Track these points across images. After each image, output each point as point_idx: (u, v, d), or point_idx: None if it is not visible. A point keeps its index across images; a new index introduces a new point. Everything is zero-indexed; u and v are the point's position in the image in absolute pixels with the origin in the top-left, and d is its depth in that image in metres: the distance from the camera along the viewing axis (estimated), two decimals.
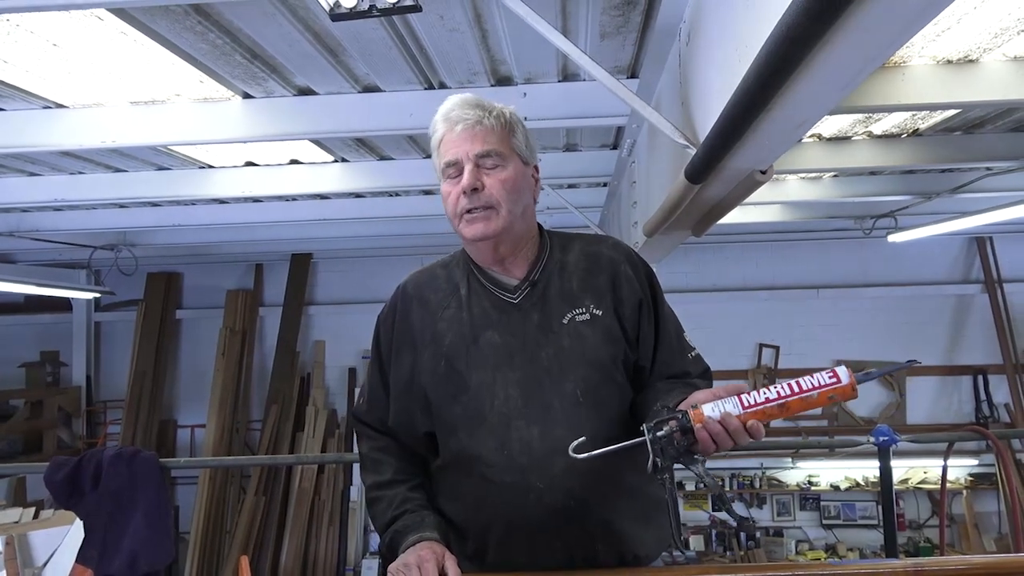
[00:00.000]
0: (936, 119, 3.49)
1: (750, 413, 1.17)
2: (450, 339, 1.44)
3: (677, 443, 1.18)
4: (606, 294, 1.45)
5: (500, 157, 1.40)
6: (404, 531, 1.37)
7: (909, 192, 4.86)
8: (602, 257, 1.49)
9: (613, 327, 1.43)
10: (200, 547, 6.61)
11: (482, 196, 1.39)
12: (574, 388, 1.38)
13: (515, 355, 1.40)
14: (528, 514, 1.35)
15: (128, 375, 7.20)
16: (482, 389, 1.40)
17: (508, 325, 1.43)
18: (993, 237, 6.96)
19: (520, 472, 1.35)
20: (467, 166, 1.39)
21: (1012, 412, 6.79)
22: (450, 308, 1.47)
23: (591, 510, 1.36)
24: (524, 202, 1.44)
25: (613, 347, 1.42)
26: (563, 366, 1.39)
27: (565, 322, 1.42)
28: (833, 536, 6.90)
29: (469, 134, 1.39)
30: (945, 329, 7.07)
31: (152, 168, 4.00)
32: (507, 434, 1.37)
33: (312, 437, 7.03)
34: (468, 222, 1.40)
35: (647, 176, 2.87)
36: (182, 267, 7.53)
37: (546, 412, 1.37)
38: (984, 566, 1.42)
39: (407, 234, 5.90)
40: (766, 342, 7.15)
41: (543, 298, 1.44)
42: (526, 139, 1.46)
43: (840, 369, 1.16)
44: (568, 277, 1.46)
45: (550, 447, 1.35)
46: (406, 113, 2.91)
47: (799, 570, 1.39)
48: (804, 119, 1.28)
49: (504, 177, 1.40)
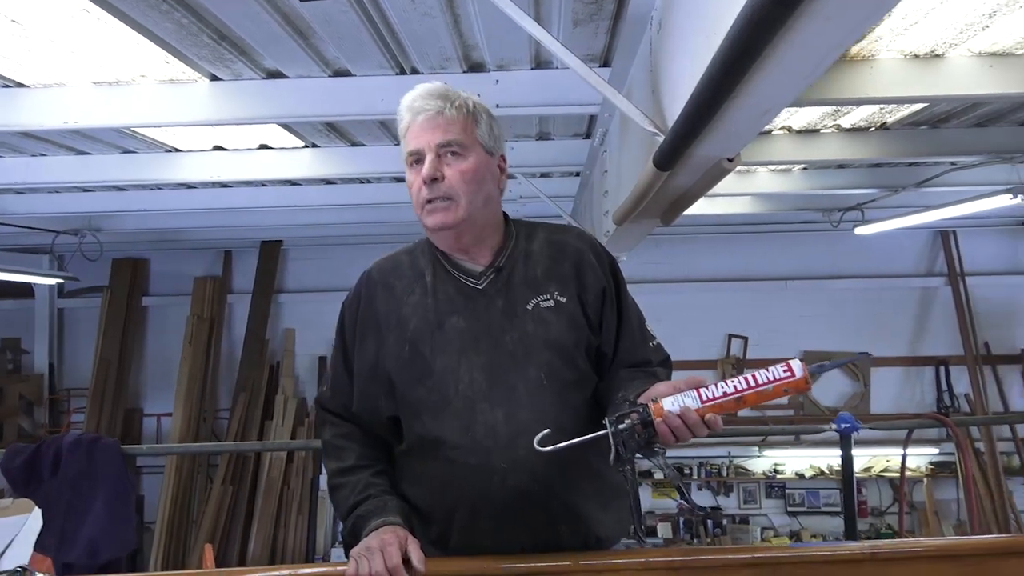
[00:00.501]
0: (903, 113, 3.55)
1: (708, 407, 1.21)
2: (415, 324, 1.45)
3: (638, 436, 1.21)
4: (570, 282, 1.47)
5: (461, 147, 1.41)
6: (367, 516, 1.37)
7: (876, 185, 4.94)
8: (567, 246, 1.51)
9: (576, 314, 1.45)
10: (165, 537, 6.54)
11: (441, 187, 1.41)
12: (538, 372, 1.41)
13: (480, 340, 1.42)
14: (492, 496, 1.37)
15: (92, 363, 7.07)
16: (447, 373, 1.41)
17: (473, 310, 1.44)
18: (957, 231, 7.10)
19: (485, 454, 1.37)
20: (428, 156, 1.41)
21: (972, 402, 6.96)
22: (415, 294, 1.48)
23: (554, 492, 1.38)
24: (486, 192, 1.45)
25: (576, 333, 1.44)
26: (527, 350, 1.41)
27: (529, 308, 1.44)
28: (798, 523, 7.02)
29: (431, 124, 1.41)
30: (909, 321, 7.21)
31: (117, 151, 3.92)
32: (472, 417, 1.39)
33: (281, 426, 6.97)
34: (428, 212, 1.43)
35: (618, 165, 2.88)
36: (148, 253, 7.40)
37: (510, 395, 1.39)
38: (936, 548, 1.45)
39: (379, 222, 5.85)
40: (735, 333, 7.23)
41: (508, 284, 1.46)
42: (490, 129, 1.47)
43: (794, 363, 1.20)
44: (533, 265, 1.48)
45: (514, 429, 1.37)
46: (377, 98, 2.88)
47: (759, 553, 1.41)
48: (770, 106, 1.29)
49: (464, 168, 1.41)
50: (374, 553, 1.26)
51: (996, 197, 4.40)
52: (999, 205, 4.49)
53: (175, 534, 6.63)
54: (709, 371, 7.15)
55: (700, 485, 7.13)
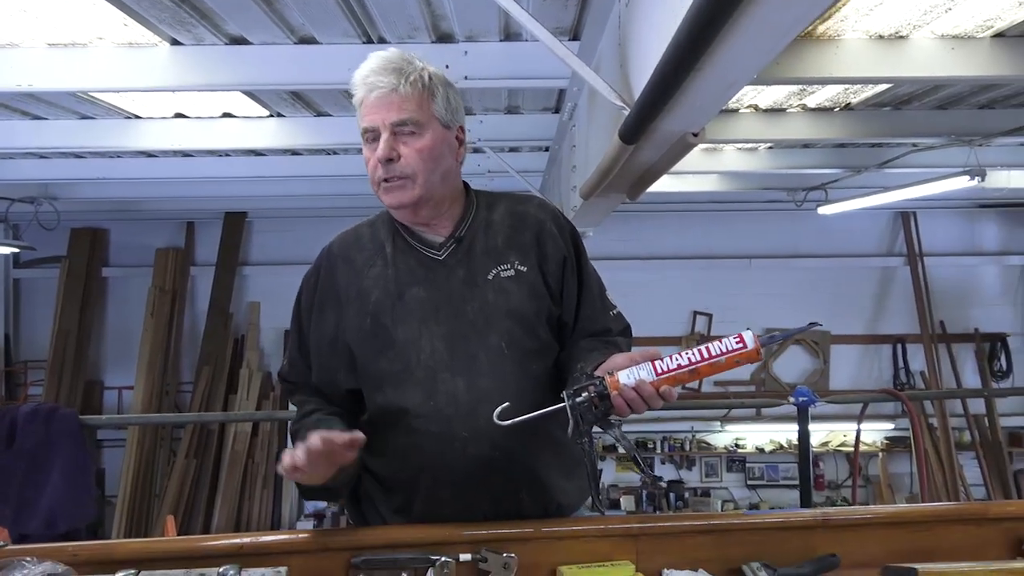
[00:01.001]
0: (867, 94, 3.60)
1: (663, 379, 1.22)
2: (376, 296, 1.45)
3: (595, 408, 1.22)
4: (531, 251, 1.47)
5: (416, 125, 1.39)
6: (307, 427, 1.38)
7: (840, 165, 5.01)
8: (528, 216, 1.51)
9: (537, 283, 1.45)
10: (128, 510, 6.47)
11: (398, 166, 1.39)
12: (499, 341, 1.41)
13: (440, 309, 1.42)
14: (454, 464, 1.38)
15: (51, 334, 6.92)
16: (408, 343, 1.41)
17: (434, 281, 1.44)
18: (916, 213, 7.24)
19: (446, 422, 1.38)
20: (383, 134, 1.38)
21: (927, 379, 7.15)
22: (376, 266, 1.47)
23: (516, 460, 1.39)
24: (444, 168, 1.43)
25: (537, 302, 1.45)
26: (488, 319, 1.42)
27: (490, 278, 1.44)
28: (757, 496, 7.19)
29: (384, 102, 1.38)
30: (869, 299, 7.36)
31: (74, 116, 3.81)
32: (433, 386, 1.39)
33: (246, 399, 6.91)
34: (385, 191, 1.41)
35: (586, 140, 2.88)
36: (108, 223, 7.23)
37: (471, 364, 1.40)
38: (885, 515, 1.50)
39: (346, 194, 5.78)
40: (700, 310, 7.32)
41: (468, 255, 1.46)
42: (447, 101, 1.43)
43: (746, 334, 1.22)
44: (494, 234, 1.48)
45: (475, 398, 1.38)
46: (344, 67, 2.82)
47: (715, 520, 1.45)
48: (733, 79, 1.30)
49: (421, 146, 1.39)
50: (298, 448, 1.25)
51: (955, 179, 4.50)
52: (957, 187, 4.59)
53: (137, 507, 6.57)
54: (673, 347, 7.15)
55: (663, 459, 7.25)
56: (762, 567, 1.34)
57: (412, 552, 1.29)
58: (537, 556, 1.31)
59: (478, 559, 1.28)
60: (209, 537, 1.29)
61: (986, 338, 7.23)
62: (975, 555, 1.39)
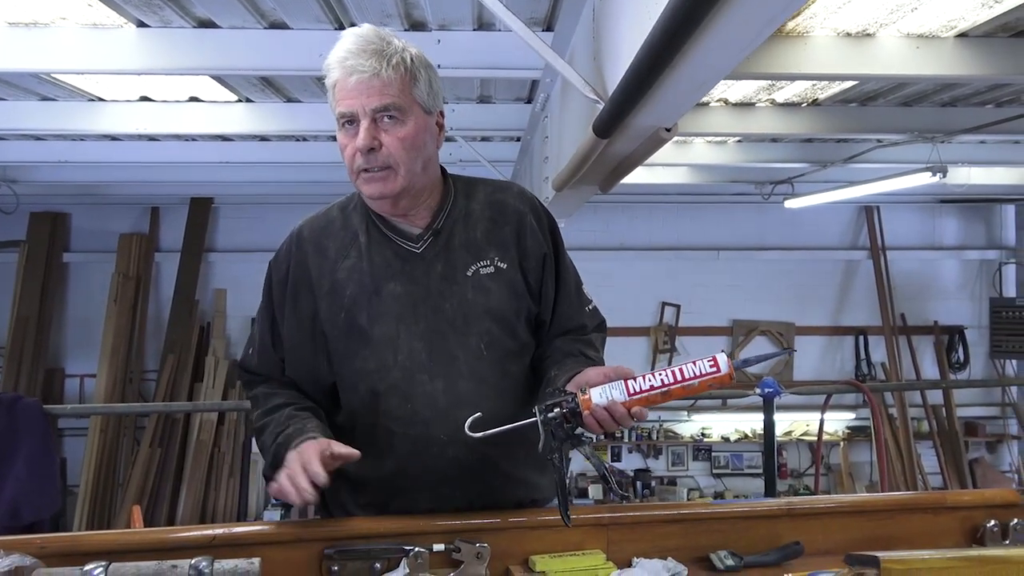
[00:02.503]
0: (834, 90, 3.66)
1: (635, 400, 1.22)
2: (351, 290, 1.39)
3: (566, 425, 1.22)
4: (511, 247, 1.42)
5: (399, 111, 1.31)
6: (287, 442, 1.32)
7: (806, 160, 5.09)
8: (507, 207, 1.45)
9: (517, 281, 1.42)
10: (90, 500, 6.36)
11: (379, 156, 1.32)
12: (478, 342, 1.38)
13: (418, 306, 1.38)
14: (431, 465, 1.37)
15: (9, 320, 6.75)
16: (385, 342, 1.37)
17: (411, 275, 1.39)
18: (880, 207, 7.38)
19: (424, 425, 1.36)
20: (363, 122, 1.30)
21: (887, 370, 7.32)
22: (350, 257, 1.41)
23: (492, 461, 1.38)
24: (425, 156, 1.37)
25: (516, 301, 1.42)
26: (467, 319, 1.38)
27: (469, 274, 1.40)
28: (722, 484, 7.31)
29: (365, 87, 1.29)
30: (833, 292, 7.49)
31: (35, 98, 3.71)
32: (411, 388, 1.36)
33: (212, 388, 6.82)
34: (365, 181, 1.35)
35: (559, 131, 2.89)
36: (70, 207, 7.05)
37: (450, 366, 1.37)
38: (848, 504, 1.54)
39: (315, 181, 5.72)
40: (669, 300, 7.40)
41: (447, 247, 1.41)
42: (429, 85, 1.36)
43: (720, 357, 1.22)
44: (472, 226, 1.43)
45: (454, 401, 1.36)
46: (315, 53, 2.80)
47: (683, 509, 1.47)
48: (707, 77, 1.32)
49: (403, 135, 1.32)
50: (298, 475, 1.24)
51: (917, 175, 4.60)
52: (920, 183, 4.70)
53: (100, 497, 6.46)
54: (643, 338, 7.31)
55: (631, 448, 7.33)
56: (729, 555, 1.37)
57: (385, 543, 1.29)
58: (510, 546, 1.33)
59: (451, 549, 1.29)
60: (181, 528, 1.28)
61: (945, 330, 7.41)
62: (933, 543, 1.44)
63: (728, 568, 1.35)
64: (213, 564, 1.17)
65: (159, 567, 1.16)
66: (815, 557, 1.39)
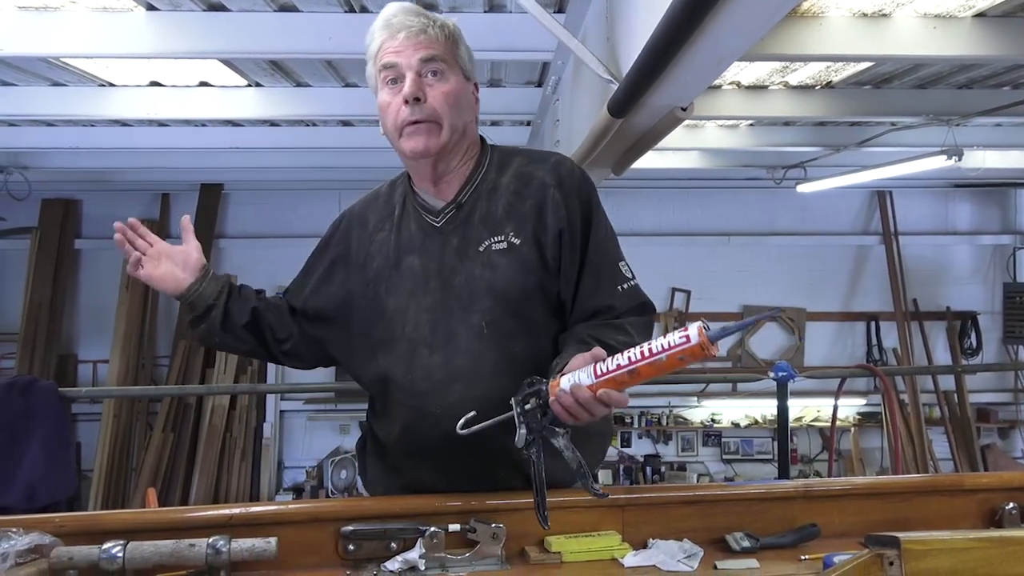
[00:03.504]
0: (849, 72, 3.61)
1: (601, 382, 1.13)
2: (377, 263, 1.45)
3: (541, 416, 1.18)
4: (529, 221, 1.39)
5: (444, 65, 1.35)
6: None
7: (819, 144, 5.04)
8: (533, 180, 1.41)
9: (531, 257, 1.38)
10: (104, 484, 6.42)
11: (425, 108, 1.34)
12: (480, 319, 1.38)
13: (430, 280, 1.41)
14: (429, 436, 1.39)
15: (22, 306, 6.79)
16: (396, 314, 1.42)
17: (428, 249, 1.42)
18: (893, 192, 7.32)
19: (421, 397, 1.39)
20: (409, 74, 1.33)
21: (899, 356, 7.28)
22: (383, 231, 1.47)
23: (489, 439, 1.32)
24: (465, 119, 1.39)
25: (525, 278, 1.37)
26: (471, 295, 1.38)
27: (481, 249, 1.39)
28: (732, 470, 7.30)
29: (412, 42, 1.33)
30: (845, 277, 7.45)
31: (46, 83, 3.72)
32: (412, 360, 1.40)
33: (223, 373, 6.85)
34: (409, 135, 1.35)
35: (570, 114, 2.87)
36: (81, 194, 7.07)
37: (449, 341, 1.39)
38: (865, 486, 1.53)
39: (324, 167, 5.72)
40: (678, 286, 7.37)
41: (466, 222, 1.41)
42: (469, 54, 1.41)
43: (691, 328, 1.08)
44: (495, 201, 1.41)
45: (449, 375, 1.37)
46: (325, 36, 2.79)
47: (699, 491, 1.47)
48: (725, 54, 1.30)
49: (447, 89, 1.35)
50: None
51: (932, 158, 4.55)
52: (934, 167, 4.64)
53: (114, 481, 6.51)
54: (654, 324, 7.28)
55: (640, 433, 7.34)
56: (745, 536, 1.36)
57: (401, 522, 1.29)
58: (525, 526, 1.33)
59: (467, 529, 1.29)
60: (197, 508, 1.29)
61: (957, 316, 7.36)
62: (950, 525, 1.43)
63: (744, 549, 1.34)
64: (230, 543, 1.18)
65: (176, 546, 1.17)
66: (831, 539, 1.38)
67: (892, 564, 1.00)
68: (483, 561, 1.27)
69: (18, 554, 1.11)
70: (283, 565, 1.24)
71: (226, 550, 1.17)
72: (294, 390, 5.42)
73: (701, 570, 1.28)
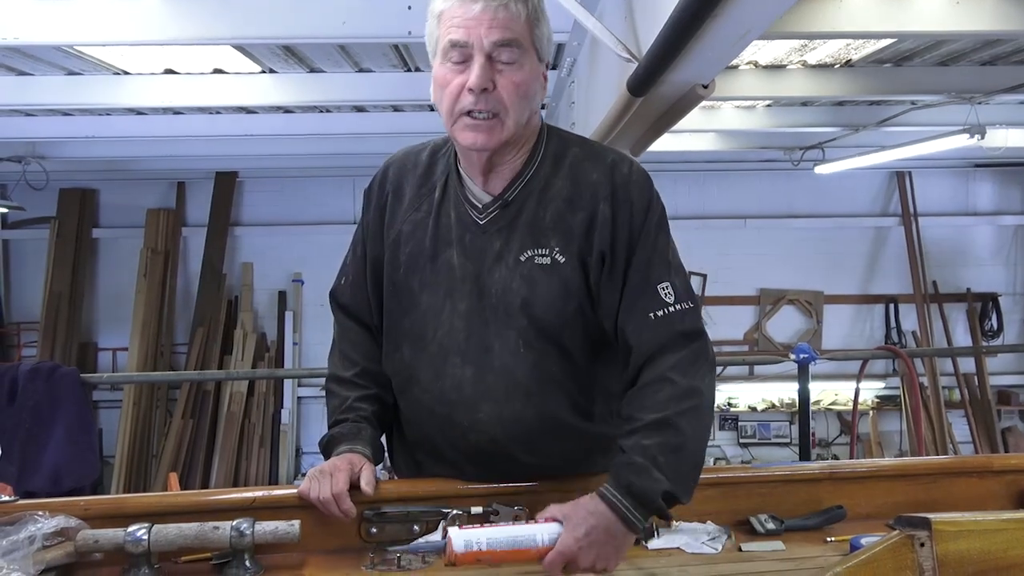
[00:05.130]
0: (869, 50, 3.55)
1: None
2: (411, 248, 1.33)
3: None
4: (576, 239, 1.27)
5: (520, 52, 1.19)
6: (338, 439, 1.35)
7: (838, 124, 4.97)
8: (587, 187, 1.28)
9: (573, 281, 1.27)
10: (125, 469, 6.51)
11: (491, 99, 1.19)
12: (516, 337, 1.28)
13: (467, 282, 1.30)
14: (454, 445, 1.35)
15: (43, 296, 6.87)
16: (429, 313, 1.32)
17: (468, 247, 1.31)
18: (912, 172, 7.22)
19: (449, 406, 1.32)
20: (478, 58, 1.17)
21: (918, 338, 7.21)
22: (420, 211, 1.34)
23: (516, 455, 1.32)
24: (531, 109, 1.26)
25: (565, 304, 1.27)
26: (508, 310, 1.28)
27: (522, 259, 1.27)
28: (749, 454, 7.28)
29: (489, 16, 1.15)
30: (862, 260, 7.37)
31: (61, 72, 3.72)
32: (443, 368, 1.32)
33: (241, 360, 6.91)
34: (466, 127, 1.21)
35: (586, 96, 2.84)
36: (98, 183, 7.12)
37: (483, 355, 1.30)
38: (891, 468, 1.52)
39: (338, 153, 5.71)
40: (694, 270, 7.31)
41: (511, 225, 1.29)
42: (549, 33, 1.25)
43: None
44: (546, 204, 1.29)
45: (480, 391, 1.30)
46: (338, 20, 2.77)
47: (723, 473, 1.46)
48: (749, 28, 1.27)
49: (519, 80, 1.19)
50: (324, 476, 1.25)
51: (953, 137, 4.47)
52: (956, 145, 4.57)
53: (135, 467, 6.60)
54: None
55: None
56: (770, 518, 1.35)
57: (424, 505, 1.29)
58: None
59: (489, 512, 1.29)
60: (221, 491, 1.29)
61: (978, 298, 7.27)
62: (979, 506, 1.41)
63: (769, 531, 1.33)
64: (254, 526, 1.18)
65: (201, 528, 1.17)
66: (857, 521, 1.37)
67: (923, 545, 0.98)
68: None
69: (45, 537, 1.12)
70: (306, 547, 1.24)
71: (250, 533, 1.17)
72: (312, 375, 5.46)
73: (726, 552, 1.27)
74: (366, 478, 1.26)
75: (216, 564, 1.21)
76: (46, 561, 1.11)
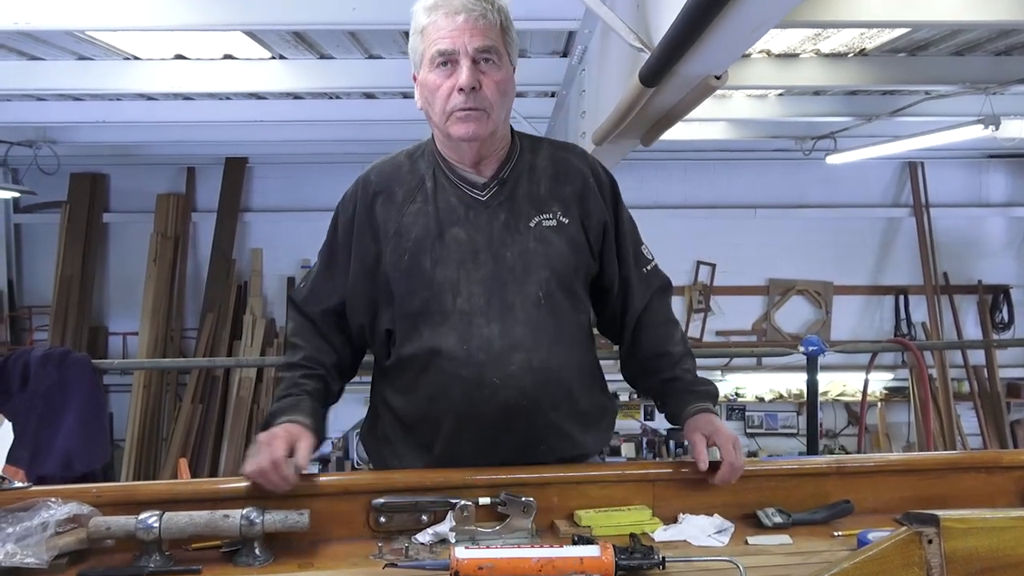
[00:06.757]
0: (883, 39, 3.51)
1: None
2: (416, 233, 1.43)
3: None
4: (573, 204, 1.46)
5: (498, 55, 1.36)
6: (277, 413, 1.40)
7: (851, 113, 4.93)
8: (571, 166, 1.49)
9: (578, 237, 1.45)
10: (136, 454, 6.56)
11: (479, 97, 1.35)
12: (536, 290, 1.41)
13: (480, 252, 1.41)
14: (481, 409, 1.38)
15: (54, 280, 6.91)
16: (445, 285, 1.40)
17: (475, 222, 1.42)
18: (924, 163, 7.16)
19: (477, 367, 1.37)
20: (465, 62, 1.33)
21: (928, 330, 7.18)
22: (416, 202, 1.45)
23: (541, 410, 1.40)
24: (508, 105, 1.43)
25: (576, 257, 1.45)
26: (527, 267, 1.41)
27: (532, 225, 1.43)
28: (756, 444, 7.28)
29: (470, 26, 1.33)
30: (873, 250, 7.33)
31: (72, 57, 3.73)
32: (468, 331, 1.39)
33: (250, 346, 6.94)
34: (460, 120, 1.36)
35: (597, 84, 2.82)
36: (108, 168, 7.14)
37: (507, 311, 1.40)
38: (899, 463, 1.51)
39: (348, 140, 5.70)
40: (704, 259, 7.30)
41: (511, 198, 1.44)
42: (516, 38, 1.43)
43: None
44: (536, 180, 1.46)
45: (508, 345, 1.38)
46: (348, 7, 2.76)
47: None
48: (764, 19, 1.26)
49: (499, 79, 1.37)
50: (261, 448, 1.29)
51: (967, 128, 4.43)
52: (970, 136, 4.52)
53: (145, 451, 6.65)
54: (677, 297, 7.24)
55: None
56: (777, 512, 1.35)
57: (432, 495, 1.30)
58: (555, 500, 1.33)
59: (497, 502, 1.29)
60: (232, 479, 1.30)
61: (989, 290, 7.22)
62: (987, 503, 1.41)
63: (776, 525, 1.33)
64: (264, 514, 1.19)
65: (211, 516, 1.18)
66: (865, 516, 1.37)
67: (931, 542, 0.98)
68: (513, 534, 1.27)
69: (58, 523, 1.13)
70: (315, 536, 1.25)
71: (260, 521, 1.18)
72: None
73: (732, 545, 1.27)
74: (301, 449, 1.31)
75: (226, 552, 1.22)
76: (59, 547, 1.12)
